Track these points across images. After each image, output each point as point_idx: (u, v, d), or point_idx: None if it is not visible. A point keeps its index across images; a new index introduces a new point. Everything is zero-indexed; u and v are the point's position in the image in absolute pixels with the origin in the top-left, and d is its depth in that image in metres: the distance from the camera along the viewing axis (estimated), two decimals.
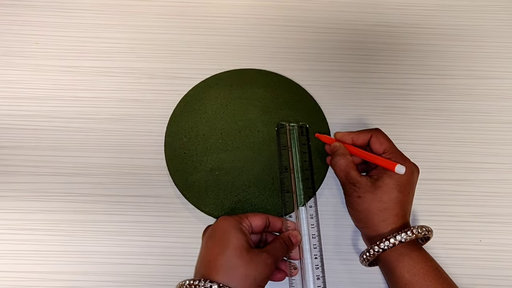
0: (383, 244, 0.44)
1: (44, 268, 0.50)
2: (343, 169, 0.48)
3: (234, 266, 0.41)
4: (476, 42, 0.61)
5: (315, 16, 0.62)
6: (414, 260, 0.44)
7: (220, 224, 0.45)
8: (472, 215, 0.53)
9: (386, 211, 0.45)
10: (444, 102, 0.58)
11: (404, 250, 0.44)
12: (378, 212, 0.45)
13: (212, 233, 0.45)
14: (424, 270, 0.44)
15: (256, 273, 0.41)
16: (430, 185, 0.54)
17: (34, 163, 0.54)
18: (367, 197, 0.46)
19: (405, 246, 0.45)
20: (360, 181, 0.46)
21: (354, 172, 0.47)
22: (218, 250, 0.42)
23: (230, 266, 0.41)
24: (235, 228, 0.44)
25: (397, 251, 0.45)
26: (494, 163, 0.55)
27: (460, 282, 0.50)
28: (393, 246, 0.44)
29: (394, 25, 0.61)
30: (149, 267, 0.51)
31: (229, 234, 0.43)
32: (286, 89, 0.56)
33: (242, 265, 0.41)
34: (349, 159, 0.48)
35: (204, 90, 0.56)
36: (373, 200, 0.45)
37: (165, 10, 0.61)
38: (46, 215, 0.52)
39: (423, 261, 0.44)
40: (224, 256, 0.41)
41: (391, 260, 0.45)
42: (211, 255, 0.43)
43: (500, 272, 0.51)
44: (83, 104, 0.56)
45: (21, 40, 0.59)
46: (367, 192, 0.46)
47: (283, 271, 0.48)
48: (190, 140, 0.54)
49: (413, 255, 0.44)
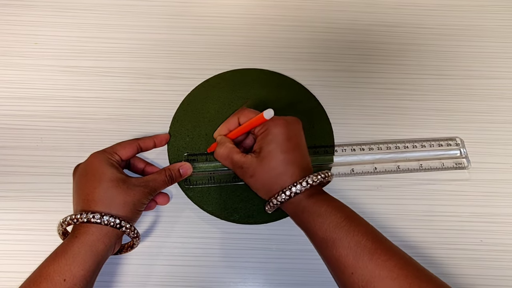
0: (279, 196, 0.43)
1: None
2: (226, 157, 0.47)
3: (112, 195, 0.43)
4: (476, 42, 0.61)
5: (316, 16, 0.62)
6: (323, 216, 0.41)
7: (91, 161, 0.46)
8: (473, 215, 0.53)
9: (280, 175, 0.44)
10: (444, 102, 0.58)
11: (310, 206, 0.43)
12: (275, 180, 0.44)
13: (83, 171, 0.46)
14: (334, 223, 0.41)
15: (135, 199, 0.44)
16: (430, 185, 0.54)
17: (34, 163, 0.53)
18: (258, 172, 0.44)
19: (311, 201, 0.43)
20: (245, 161, 0.45)
21: (237, 155, 0.46)
22: (95, 184, 0.44)
23: (108, 196, 0.43)
24: (107, 163, 0.45)
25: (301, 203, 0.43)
26: (494, 163, 0.55)
27: (460, 282, 0.51)
28: (290, 197, 0.42)
29: (395, 25, 0.61)
30: (150, 267, 0.50)
31: (102, 169, 0.45)
32: (289, 89, 0.56)
33: (120, 193, 0.43)
34: (228, 146, 0.47)
35: (207, 90, 0.56)
36: (265, 172, 0.44)
37: (165, 10, 0.61)
38: (46, 215, 0.51)
39: (332, 214, 0.41)
40: (101, 188, 0.43)
41: (302, 221, 0.43)
42: (87, 189, 0.44)
43: (501, 272, 0.51)
44: (83, 104, 0.56)
45: (20, 40, 0.59)
46: (256, 168, 0.44)
47: (166, 194, 0.51)
48: (193, 140, 0.54)
49: (321, 210, 0.42)
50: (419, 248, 0.52)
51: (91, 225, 0.42)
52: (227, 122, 0.49)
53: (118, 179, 0.44)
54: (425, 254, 0.52)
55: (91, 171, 0.45)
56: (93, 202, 0.43)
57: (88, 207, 0.43)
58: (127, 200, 0.43)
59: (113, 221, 0.42)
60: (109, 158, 0.46)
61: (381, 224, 0.52)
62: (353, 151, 0.54)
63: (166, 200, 0.51)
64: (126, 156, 0.49)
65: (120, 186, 0.44)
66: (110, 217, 0.42)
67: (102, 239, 0.42)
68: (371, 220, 0.52)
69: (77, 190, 0.45)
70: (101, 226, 0.42)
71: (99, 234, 0.42)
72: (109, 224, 0.42)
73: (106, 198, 0.43)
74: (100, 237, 0.42)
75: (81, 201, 0.44)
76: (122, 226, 0.42)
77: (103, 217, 0.42)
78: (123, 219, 0.43)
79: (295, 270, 0.50)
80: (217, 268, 0.50)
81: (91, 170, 0.45)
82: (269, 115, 0.44)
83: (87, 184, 0.44)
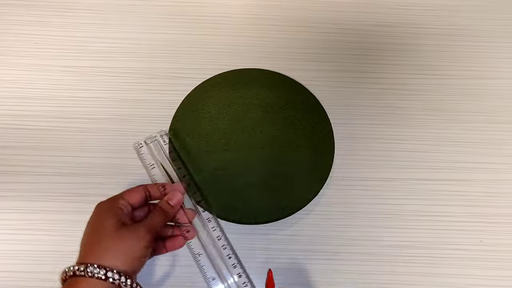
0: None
1: (44, 268, 0.50)
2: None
3: (105, 246, 0.41)
4: (477, 42, 0.61)
5: (316, 16, 0.62)
6: None
7: (95, 210, 0.45)
8: (473, 216, 0.53)
9: None
10: (444, 102, 0.58)
11: None
12: None
13: (90, 220, 0.45)
14: None
15: (127, 248, 0.41)
16: (430, 185, 0.54)
17: (34, 163, 0.53)
18: None
19: None
20: None
21: None
22: (93, 234, 0.42)
23: (102, 247, 0.41)
24: (108, 210, 0.44)
25: None
26: (494, 163, 0.55)
27: (460, 282, 0.51)
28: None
29: (395, 25, 0.61)
30: (150, 267, 0.50)
31: (102, 218, 0.43)
32: (289, 89, 0.56)
33: (112, 244, 0.41)
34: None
35: (207, 89, 0.56)
36: None
37: (165, 10, 0.61)
38: (46, 215, 0.52)
39: None
40: (96, 239, 0.42)
41: None
42: (87, 240, 0.43)
43: (501, 272, 0.51)
44: (83, 104, 0.56)
45: (20, 40, 0.59)
46: None
47: (180, 237, 0.47)
48: (193, 140, 0.54)
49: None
50: (419, 248, 0.52)
51: (81, 280, 0.39)
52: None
53: (113, 227, 0.42)
54: (425, 254, 0.52)
55: (93, 219, 0.44)
56: (91, 253, 0.41)
57: (83, 259, 0.41)
58: (119, 249, 0.41)
59: (97, 272, 0.39)
60: (112, 204, 0.44)
61: (381, 224, 0.52)
62: None
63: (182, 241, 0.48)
64: (133, 200, 0.46)
65: (112, 235, 0.41)
66: (95, 268, 0.39)
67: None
68: (371, 220, 0.52)
69: (81, 241, 0.43)
70: (87, 280, 0.39)
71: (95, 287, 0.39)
72: (94, 276, 0.39)
73: (100, 249, 0.41)
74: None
75: (80, 252, 0.42)
76: (108, 278, 0.39)
77: (87, 269, 0.39)
78: (111, 270, 0.39)
79: (295, 270, 0.50)
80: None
81: (94, 218, 0.44)
82: None
83: (88, 234, 0.43)
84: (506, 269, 0.51)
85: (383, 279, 0.51)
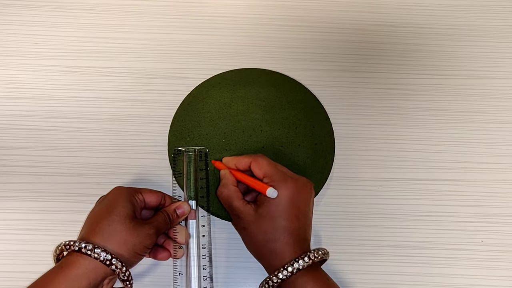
0: (281, 274, 0.41)
1: (44, 268, 0.49)
2: (226, 199, 0.46)
3: (115, 230, 0.41)
4: (477, 42, 0.61)
5: (317, 16, 0.61)
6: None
7: (112, 192, 0.45)
8: (473, 216, 0.53)
9: (273, 242, 0.43)
10: (445, 102, 0.58)
11: (305, 279, 0.41)
12: (265, 244, 0.43)
13: (102, 200, 0.45)
14: None
15: (136, 241, 0.42)
16: (430, 185, 0.54)
17: (34, 163, 0.53)
18: (251, 229, 0.44)
19: (306, 274, 0.41)
20: (244, 211, 0.44)
21: (237, 202, 0.45)
22: (103, 215, 0.42)
23: (111, 230, 0.41)
24: (125, 198, 0.44)
25: (298, 280, 0.41)
26: (494, 163, 0.55)
27: (460, 282, 0.51)
28: (290, 276, 0.41)
29: (396, 25, 0.61)
30: (150, 266, 0.50)
31: (117, 202, 0.43)
32: (289, 88, 0.56)
33: (123, 231, 0.41)
34: (231, 189, 0.46)
35: (208, 89, 0.56)
36: (257, 231, 0.43)
37: (165, 10, 0.61)
38: (46, 215, 0.52)
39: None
40: (107, 220, 0.42)
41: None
42: (95, 218, 0.43)
43: (501, 272, 0.51)
44: (83, 104, 0.56)
45: (20, 40, 0.59)
46: (250, 223, 0.44)
47: (167, 250, 0.47)
48: (193, 140, 0.54)
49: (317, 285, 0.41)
50: (419, 248, 0.52)
51: (81, 256, 0.40)
52: (238, 159, 0.48)
53: (127, 216, 0.42)
54: (425, 254, 0.52)
55: (108, 200, 0.44)
56: (93, 232, 0.41)
57: (87, 236, 0.41)
58: (128, 239, 0.41)
59: (104, 255, 0.39)
60: (131, 194, 0.45)
61: (381, 224, 0.52)
62: None
63: (168, 255, 0.48)
64: (149, 200, 0.46)
65: (126, 223, 0.42)
66: (102, 251, 0.39)
67: (88, 273, 0.39)
68: (371, 220, 0.52)
69: (88, 218, 0.44)
70: (90, 259, 0.39)
71: (86, 268, 0.39)
72: (99, 259, 0.39)
73: (108, 231, 0.41)
74: (85, 272, 0.39)
75: (85, 228, 0.43)
76: (112, 264, 0.40)
77: (95, 249, 0.39)
78: (116, 257, 0.40)
79: None
80: (218, 268, 0.50)
81: (108, 200, 0.44)
82: (272, 195, 0.43)
83: (98, 213, 0.43)
84: (506, 269, 0.51)
85: (383, 279, 0.51)
